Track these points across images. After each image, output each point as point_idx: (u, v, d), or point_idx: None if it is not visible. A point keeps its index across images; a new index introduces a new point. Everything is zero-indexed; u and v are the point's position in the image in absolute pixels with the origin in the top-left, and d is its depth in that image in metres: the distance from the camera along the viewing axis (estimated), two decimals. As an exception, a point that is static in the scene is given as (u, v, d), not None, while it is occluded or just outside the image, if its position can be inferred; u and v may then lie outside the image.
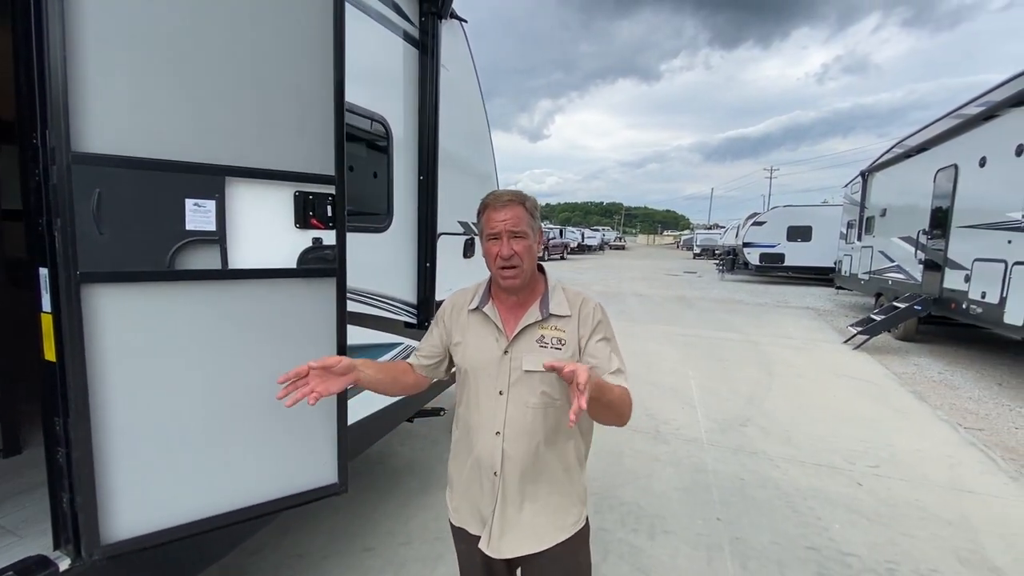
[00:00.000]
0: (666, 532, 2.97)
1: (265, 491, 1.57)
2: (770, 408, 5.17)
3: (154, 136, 1.29)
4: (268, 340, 1.53)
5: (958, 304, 7.12)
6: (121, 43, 1.25)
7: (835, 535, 2.99)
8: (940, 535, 3.03)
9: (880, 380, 6.40)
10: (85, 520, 1.32)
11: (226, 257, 1.42)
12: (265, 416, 1.53)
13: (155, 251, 1.32)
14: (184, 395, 1.41)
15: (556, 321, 1.40)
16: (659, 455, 3.99)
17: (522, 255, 1.34)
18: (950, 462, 4.07)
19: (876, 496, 3.46)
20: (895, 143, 10.27)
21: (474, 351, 1.43)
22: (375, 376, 1.42)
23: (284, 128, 1.50)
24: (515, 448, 1.37)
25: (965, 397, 5.85)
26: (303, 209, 1.55)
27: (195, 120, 1.35)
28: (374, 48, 2.43)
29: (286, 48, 1.48)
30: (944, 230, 7.68)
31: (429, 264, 2.94)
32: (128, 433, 1.34)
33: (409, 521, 3.00)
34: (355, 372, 1.35)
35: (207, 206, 1.37)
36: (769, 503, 3.32)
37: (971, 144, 7.25)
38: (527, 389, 1.37)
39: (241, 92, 1.42)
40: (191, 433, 1.44)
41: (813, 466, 3.89)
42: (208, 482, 1.49)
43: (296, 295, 1.57)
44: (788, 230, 18.62)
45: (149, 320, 1.34)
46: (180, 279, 1.36)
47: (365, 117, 2.38)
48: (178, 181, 1.33)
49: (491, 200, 1.37)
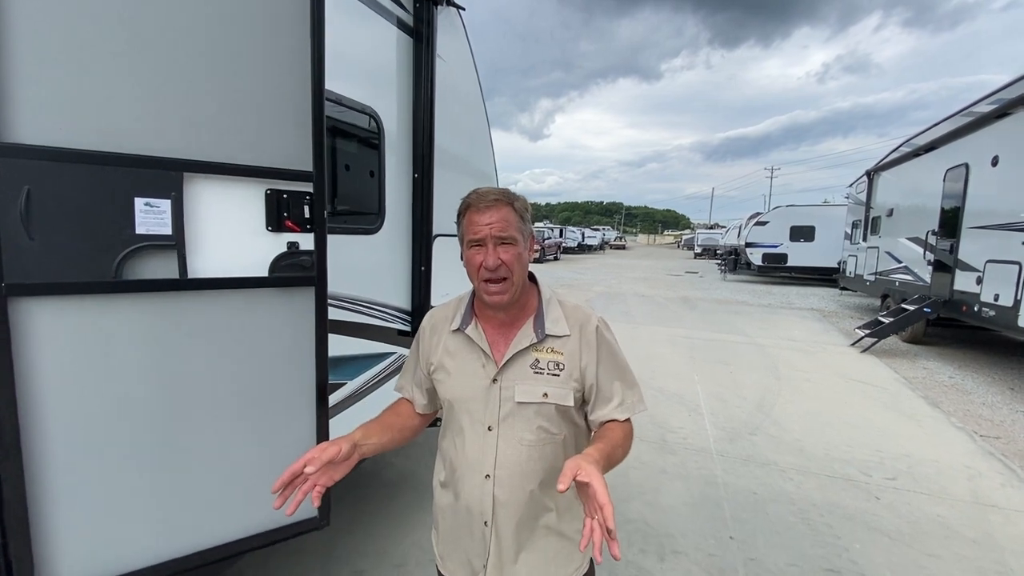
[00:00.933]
0: (676, 553, 2.79)
1: (232, 530, 1.39)
2: (779, 415, 4.99)
3: (96, 124, 1.11)
4: (235, 360, 1.35)
5: (969, 306, 6.94)
6: (58, 15, 1.07)
7: (856, 556, 2.81)
8: (965, 555, 2.86)
9: (890, 385, 6.23)
10: (19, 570, 1.14)
11: (185, 265, 1.24)
12: (231, 446, 1.35)
13: (98, 259, 1.13)
14: (136, 424, 1.23)
15: (553, 342, 1.21)
16: (666, 467, 3.81)
17: (511, 265, 1.14)
18: (969, 473, 3.89)
19: (895, 512, 3.28)
20: (902, 142, 10.08)
21: (456, 380, 1.23)
22: (380, 441, 1.21)
23: (253, 117, 1.31)
24: (508, 493, 1.17)
25: (979, 403, 5.67)
26: (276, 209, 1.36)
27: (147, 106, 1.17)
28: (363, 35, 2.24)
29: (255, 25, 1.29)
30: (954, 231, 7.50)
31: (424, 268, 2.76)
32: (69, 469, 1.16)
33: (403, 540, 2.82)
34: (357, 451, 1.14)
35: (161, 206, 1.19)
36: (784, 519, 3.15)
37: (983, 143, 7.07)
38: (521, 424, 1.18)
39: (202, 74, 1.23)
40: (145, 468, 1.26)
41: (828, 478, 3.71)
42: (166, 522, 1.30)
43: (268, 307, 1.38)
44: (791, 230, 18.46)
45: (93, 339, 1.15)
46: (129, 291, 1.18)
47: (353, 110, 2.20)
48: (126, 177, 1.14)
49: (473, 200, 1.17)
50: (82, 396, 1.16)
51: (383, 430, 1.24)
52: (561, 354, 1.20)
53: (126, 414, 1.21)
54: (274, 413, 1.43)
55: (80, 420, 1.16)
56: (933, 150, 8.60)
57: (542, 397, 1.18)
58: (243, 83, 1.29)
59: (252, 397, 1.38)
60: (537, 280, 1.31)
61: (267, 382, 1.39)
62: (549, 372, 1.19)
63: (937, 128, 8.45)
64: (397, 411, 1.33)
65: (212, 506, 1.36)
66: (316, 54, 1.37)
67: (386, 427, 1.26)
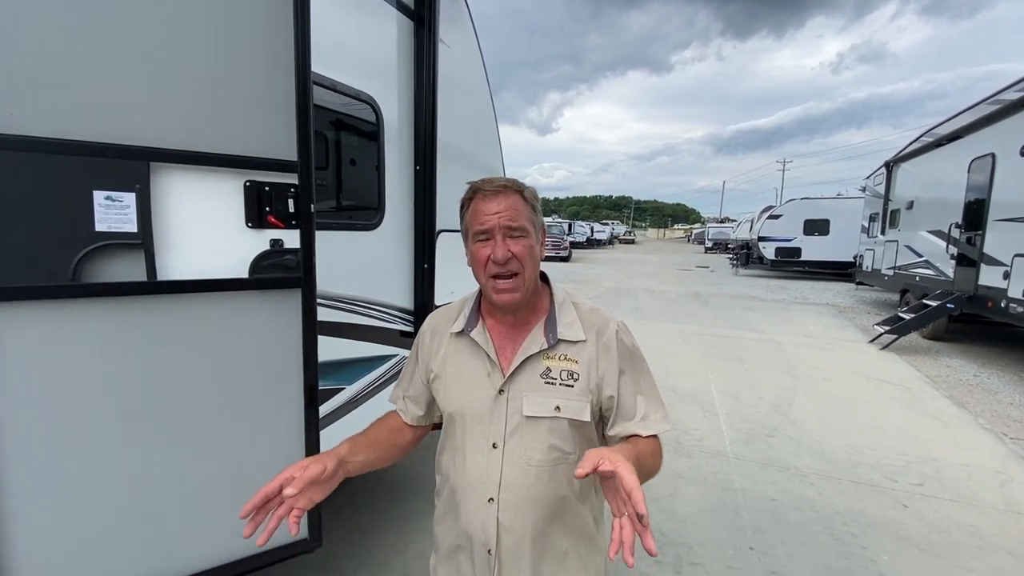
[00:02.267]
0: (693, 564, 2.64)
1: (209, 556, 1.27)
2: (797, 416, 4.81)
3: (48, 108, 0.98)
4: (211, 370, 1.22)
5: (996, 302, 6.68)
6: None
7: (884, 568, 2.65)
8: (1002, 568, 2.69)
9: (912, 384, 6.01)
10: (-29, 605, 1.03)
11: (153, 266, 1.11)
12: (208, 464, 1.23)
13: (53, 260, 1.01)
14: (99, 442, 1.11)
15: (566, 348, 1.08)
16: (681, 471, 3.66)
17: (522, 259, 1.02)
18: (1001, 479, 3.70)
19: (924, 520, 3.11)
20: (923, 132, 9.76)
21: (458, 390, 1.10)
22: (368, 458, 1.07)
23: (230, 101, 1.17)
24: (515, 519, 1.04)
25: (1006, 403, 5.45)
26: (256, 204, 1.23)
27: (107, 88, 1.04)
28: (360, 16, 2.10)
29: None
30: (979, 223, 7.22)
31: (427, 265, 2.63)
32: (25, 492, 1.04)
33: (406, 549, 2.70)
34: (343, 468, 1.00)
35: (124, 200, 1.06)
36: (806, 528, 2.99)
37: (1010, 131, 6.77)
38: (530, 441, 1.05)
39: (171, 53, 1.10)
40: (111, 489, 1.14)
41: (851, 484, 3.54)
42: (133, 549, 1.18)
43: (249, 312, 1.25)
44: (805, 223, 18.14)
45: (48, 349, 1.03)
46: (90, 295, 1.05)
47: (349, 96, 2.06)
48: (82, 168, 1.01)
49: (479, 186, 1.04)
50: (37, 413, 1.04)
51: (371, 446, 1.12)
52: (576, 362, 1.07)
53: (87, 431, 1.09)
54: (257, 426, 1.31)
55: (35, 439, 1.04)
56: (957, 140, 8.30)
57: (554, 411, 1.05)
58: (218, 63, 1.16)
59: (232, 410, 1.25)
60: (550, 281, 1.18)
61: (249, 393, 1.27)
62: (562, 383, 1.06)
63: (961, 117, 8.15)
64: (388, 426, 1.20)
65: (186, 530, 1.24)
66: (300, 30, 1.24)
67: (374, 443, 1.13)
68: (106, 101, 1.04)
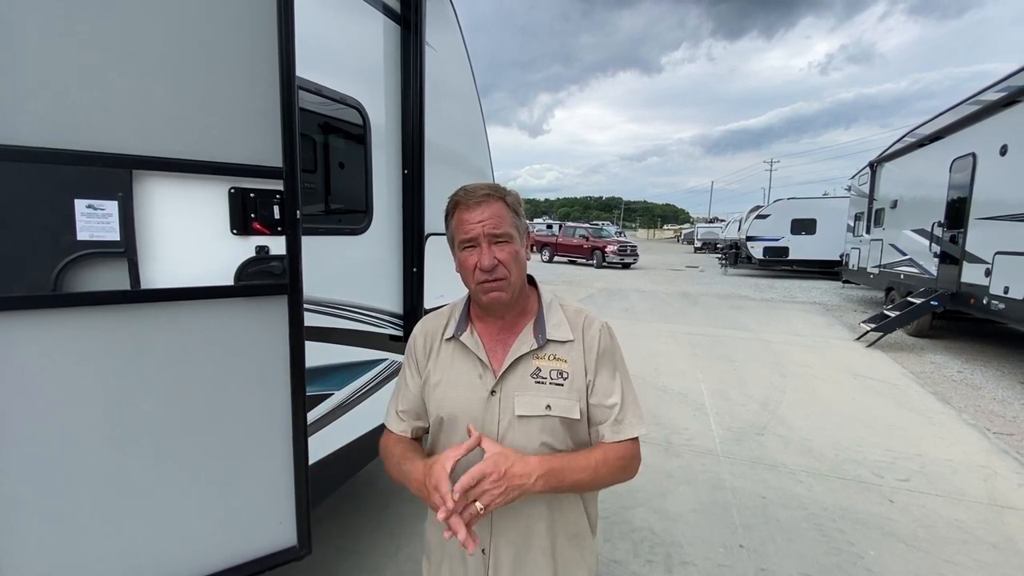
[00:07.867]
0: (684, 563, 2.66)
1: (198, 566, 1.25)
2: (786, 414, 4.86)
3: (25, 115, 0.97)
4: (197, 379, 1.21)
5: (978, 299, 6.80)
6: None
7: (872, 564, 2.68)
8: (986, 561, 2.73)
9: (898, 380, 6.10)
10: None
11: (136, 274, 1.10)
12: (192, 474, 1.22)
13: (33, 269, 1.00)
14: (84, 454, 1.10)
15: (555, 348, 1.10)
16: (672, 470, 3.68)
17: (508, 264, 1.04)
18: (984, 473, 3.77)
19: (911, 515, 3.16)
20: (906, 132, 9.92)
21: (452, 393, 1.11)
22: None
23: (213, 107, 1.17)
24: (507, 518, 1.06)
25: (989, 398, 5.55)
26: (241, 210, 1.22)
27: (88, 94, 1.03)
28: (345, 21, 2.10)
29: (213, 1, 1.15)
30: (961, 222, 7.35)
31: (416, 269, 2.62)
32: (6, 506, 1.03)
33: (397, 553, 2.69)
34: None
35: (107, 208, 1.05)
36: (795, 526, 3.02)
37: (991, 132, 6.91)
38: (522, 439, 1.06)
39: (153, 58, 1.09)
40: (95, 504, 1.12)
41: (839, 480, 3.58)
42: (119, 564, 1.17)
43: (234, 320, 1.24)
44: (792, 223, 18.34)
45: (29, 359, 1.02)
46: (71, 304, 1.04)
47: (335, 101, 2.05)
48: (62, 176, 1.00)
49: (461, 197, 1.06)
50: (17, 425, 1.02)
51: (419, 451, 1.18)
52: (565, 362, 1.09)
53: (71, 442, 1.08)
54: (244, 435, 1.30)
55: (18, 452, 1.03)
56: (939, 140, 8.44)
57: (545, 410, 1.06)
58: (200, 69, 1.15)
59: (218, 419, 1.24)
60: (537, 283, 1.20)
61: (236, 400, 1.26)
62: (552, 382, 1.08)
63: (943, 117, 8.29)
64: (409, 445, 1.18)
65: (173, 540, 1.22)
66: (284, 35, 1.23)
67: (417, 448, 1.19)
68: (86, 108, 1.03)
